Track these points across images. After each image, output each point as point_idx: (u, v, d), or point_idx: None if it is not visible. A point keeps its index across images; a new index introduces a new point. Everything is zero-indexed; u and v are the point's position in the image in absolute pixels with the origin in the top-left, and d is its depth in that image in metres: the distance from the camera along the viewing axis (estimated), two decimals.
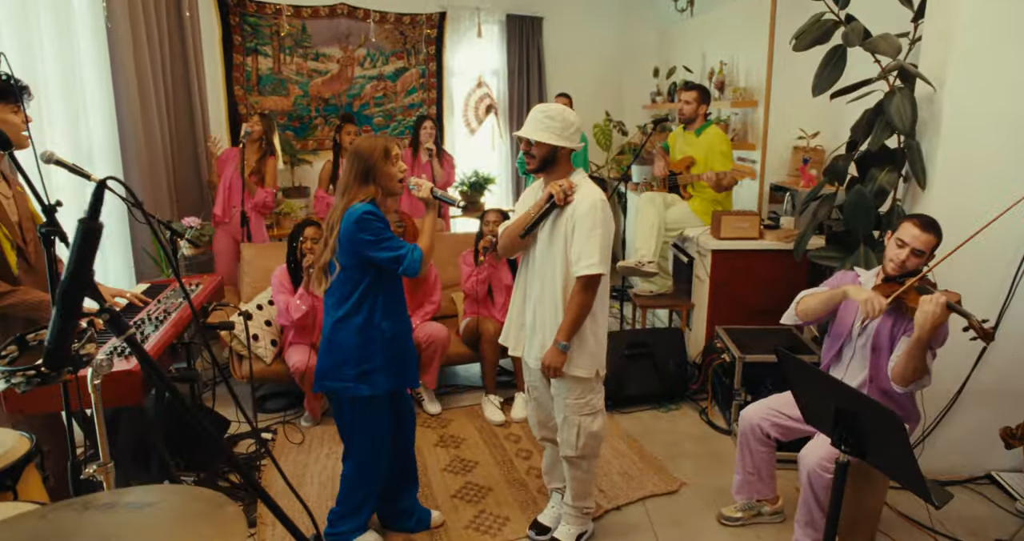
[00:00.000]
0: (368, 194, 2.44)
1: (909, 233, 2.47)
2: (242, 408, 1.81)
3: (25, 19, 3.22)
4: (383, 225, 2.43)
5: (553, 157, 2.47)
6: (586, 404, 2.56)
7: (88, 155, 3.84)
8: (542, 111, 2.47)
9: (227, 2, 5.43)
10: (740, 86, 4.94)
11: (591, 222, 2.40)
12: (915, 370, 2.35)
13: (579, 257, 2.42)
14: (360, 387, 2.52)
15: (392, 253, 2.40)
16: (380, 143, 2.46)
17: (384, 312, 2.51)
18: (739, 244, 4.09)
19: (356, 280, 2.48)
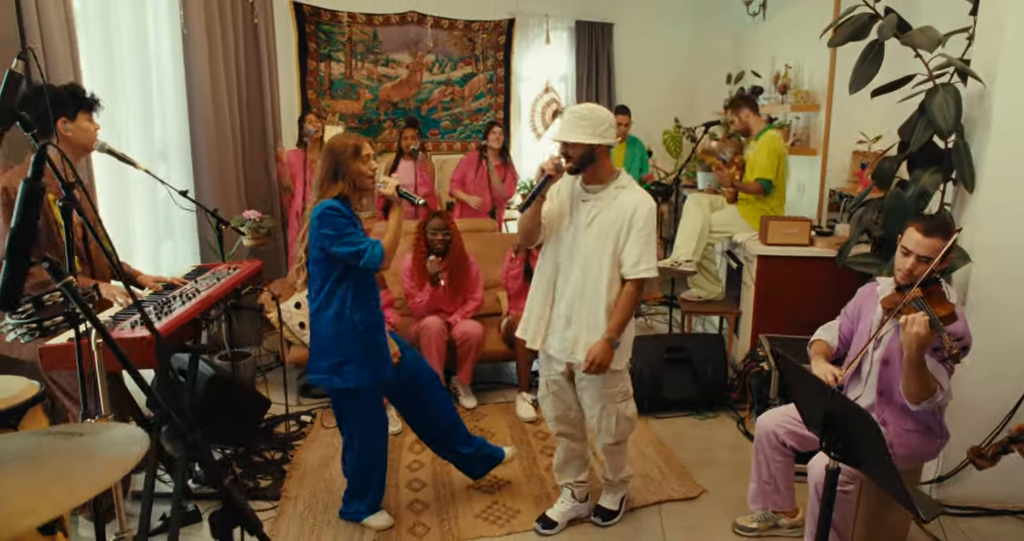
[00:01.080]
0: (337, 190, 2.52)
1: (912, 239, 2.32)
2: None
3: (106, 25, 3.53)
4: (346, 221, 2.49)
5: (591, 156, 2.49)
6: (620, 392, 2.67)
7: (162, 153, 4.16)
8: (573, 112, 2.50)
9: (304, 12, 5.74)
10: (803, 89, 4.77)
11: (649, 228, 2.52)
12: (918, 388, 2.22)
13: (638, 260, 2.50)
14: (334, 379, 2.62)
15: (352, 248, 2.46)
16: (351, 141, 2.55)
17: (355, 304, 2.57)
18: (787, 251, 3.95)
19: (325, 274, 2.57)
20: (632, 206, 2.51)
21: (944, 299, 2.24)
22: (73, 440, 1.11)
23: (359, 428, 2.74)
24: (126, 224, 3.72)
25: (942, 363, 2.31)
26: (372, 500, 2.85)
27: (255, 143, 5.04)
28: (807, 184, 4.90)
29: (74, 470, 0.98)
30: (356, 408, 2.70)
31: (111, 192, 3.58)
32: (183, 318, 2.36)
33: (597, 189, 2.57)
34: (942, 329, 2.09)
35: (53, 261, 1.22)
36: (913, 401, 2.28)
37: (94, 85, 3.47)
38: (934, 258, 2.30)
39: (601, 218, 2.53)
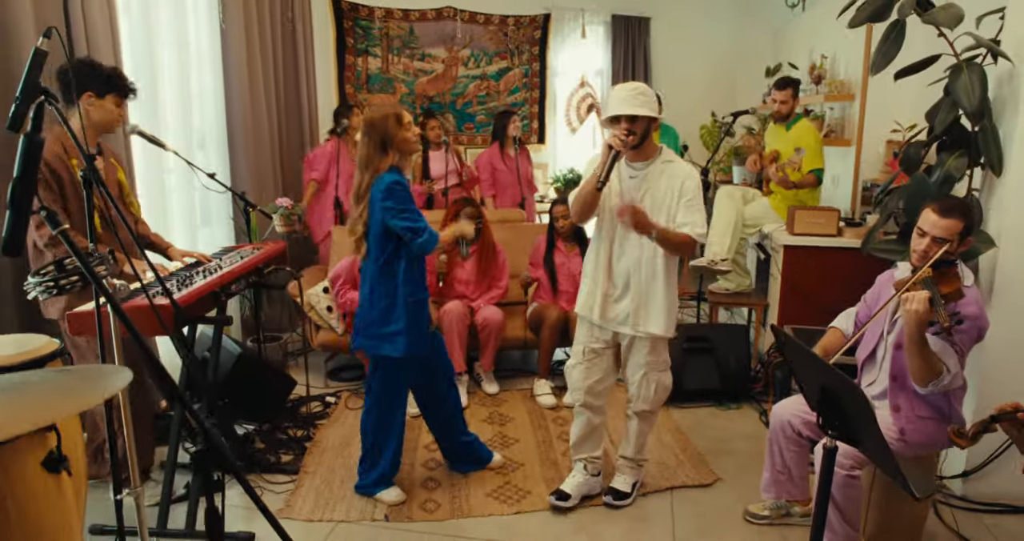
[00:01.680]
0: (389, 162, 2.61)
1: (928, 220, 2.27)
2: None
3: (147, 18, 3.69)
4: (408, 197, 2.61)
5: (648, 130, 2.59)
6: (661, 360, 2.78)
7: (200, 142, 4.31)
8: (633, 89, 2.55)
9: (342, 8, 5.88)
10: (838, 79, 4.68)
11: (699, 199, 2.62)
12: (920, 368, 2.17)
13: (692, 223, 2.57)
14: (383, 345, 2.74)
15: (410, 224, 2.58)
16: (391, 111, 2.63)
17: (406, 278, 2.69)
18: (814, 241, 3.88)
19: (382, 247, 2.68)
20: (681, 179, 2.61)
21: (955, 279, 2.19)
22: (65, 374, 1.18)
23: (384, 396, 2.84)
24: (163, 212, 3.87)
25: (950, 345, 2.26)
26: (387, 472, 2.92)
27: (292, 134, 5.18)
28: (841, 176, 4.80)
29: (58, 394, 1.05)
30: (390, 376, 2.81)
31: (148, 180, 3.74)
32: (202, 290, 2.47)
33: (642, 166, 2.65)
34: (941, 305, 2.04)
35: (50, 210, 1.31)
36: (919, 383, 2.23)
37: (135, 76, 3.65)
38: (949, 239, 2.25)
39: (652, 192, 2.63)
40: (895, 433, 2.37)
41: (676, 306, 2.74)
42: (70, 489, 1.49)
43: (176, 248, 2.97)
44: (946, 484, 3.02)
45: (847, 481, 2.29)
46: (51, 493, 1.42)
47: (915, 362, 2.16)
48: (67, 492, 1.48)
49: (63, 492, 1.46)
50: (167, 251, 2.94)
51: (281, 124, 5.00)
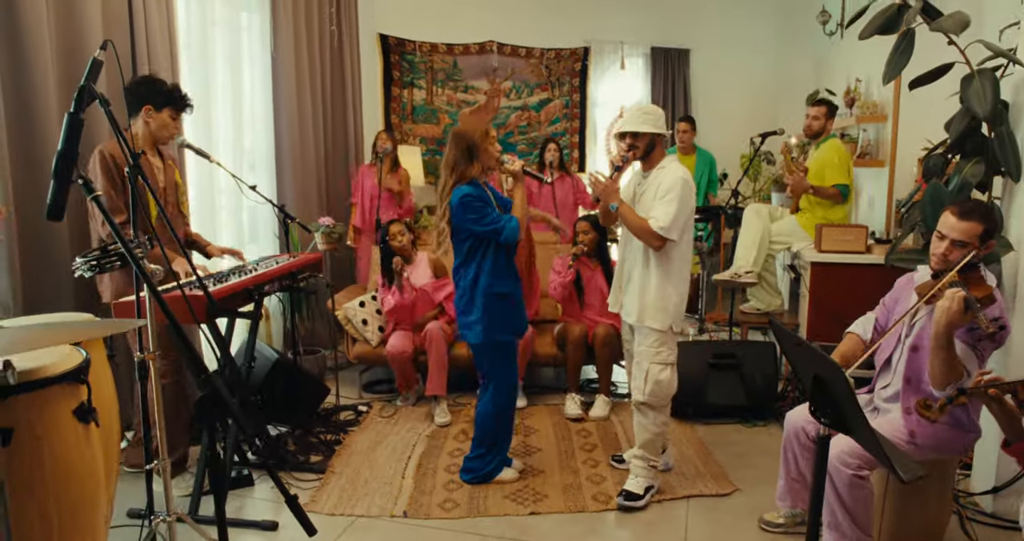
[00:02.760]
0: (473, 172, 2.89)
1: (947, 223, 2.29)
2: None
3: (203, 43, 4.02)
4: (482, 203, 2.88)
5: (653, 144, 2.92)
6: (657, 353, 2.92)
7: (251, 163, 4.60)
8: (639, 109, 2.96)
9: (389, 43, 6.21)
10: (871, 101, 4.69)
11: (672, 194, 2.80)
12: (943, 370, 2.16)
13: (655, 215, 2.81)
14: (467, 334, 3.04)
15: (492, 226, 2.86)
16: (480, 125, 2.99)
17: (487, 272, 2.95)
18: (843, 258, 3.87)
19: (463, 248, 2.98)
20: (663, 179, 2.88)
21: (982, 283, 2.19)
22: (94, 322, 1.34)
23: (495, 375, 3.07)
24: (213, 228, 4.13)
25: (972, 349, 2.24)
26: (502, 451, 3.17)
27: (338, 160, 5.45)
28: (876, 197, 4.77)
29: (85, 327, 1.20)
30: (485, 358, 3.07)
31: (200, 198, 4.01)
32: (236, 287, 2.65)
33: (649, 174, 2.98)
34: (978, 309, 2.05)
35: (86, 178, 1.49)
36: (937, 385, 2.22)
37: (193, 100, 3.95)
38: (969, 242, 2.26)
39: (645, 197, 2.95)
40: (904, 435, 2.35)
41: (673, 304, 2.90)
42: (98, 440, 1.65)
43: (215, 246, 3.19)
44: (975, 501, 2.93)
45: (854, 481, 2.28)
46: (81, 441, 1.58)
47: (938, 363, 2.15)
48: (95, 442, 1.63)
49: (91, 442, 1.61)
50: (207, 248, 3.16)
51: (328, 149, 5.27)
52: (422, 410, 4.07)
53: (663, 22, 6.87)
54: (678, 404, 3.87)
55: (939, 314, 2.11)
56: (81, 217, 2.99)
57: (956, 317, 2.08)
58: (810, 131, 4.39)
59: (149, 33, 3.46)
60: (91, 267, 1.86)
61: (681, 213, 2.80)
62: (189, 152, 3.48)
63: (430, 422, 3.88)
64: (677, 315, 2.94)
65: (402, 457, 3.43)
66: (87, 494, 1.60)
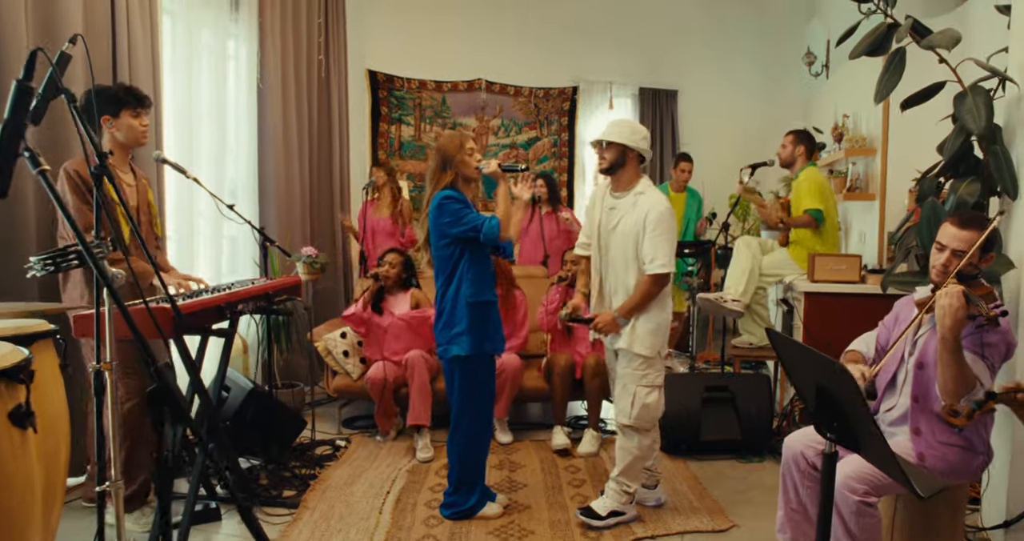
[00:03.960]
0: (448, 179, 2.83)
1: (947, 233, 2.22)
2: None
3: (189, 74, 3.98)
4: (460, 204, 2.79)
5: (623, 159, 2.82)
6: (643, 376, 2.84)
7: (232, 192, 4.52)
8: (613, 121, 2.94)
9: (378, 79, 6.23)
10: (860, 135, 4.70)
11: (662, 228, 2.75)
12: (954, 381, 2.04)
13: (653, 258, 2.76)
14: (452, 348, 2.87)
15: (470, 225, 2.75)
16: (456, 138, 2.90)
17: (468, 281, 2.83)
18: (836, 288, 3.79)
19: (446, 257, 2.87)
20: (646, 209, 2.78)
21: (981, 285, 2.11)
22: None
23: (469, 396, 2.91)
24: (191, 256, 4.01)
25: (982, 359, 2.14)
26: (482, 484, 3.01)
27: (323, 192, 5.37)
28: (868, 232, 4.73)
29: None
30: (466, 375, 2.89)
31: (179, 224, 3.91)
32: (207, 303, 2.52)
33: (621, 195, 2.88)
34: (977, 299, 1.96)
35: (33, 152, 1.39)
36: (951, 399, 2.09)
37: (175, 127, 3.89)
38: (969, 252, 2.18)
39: (623, 223, 2.84)
40: (913, 458, 2.22)
41: (657, 328, 2.84)
42: (36, 449, 1.49)
43: (177, 271, 3.04)
44: (987, 537, 2.77)
45: (862, 509, 2.13)
46: (15, 447, 1.42)
47: (949, 375, 2.03)
48: (31, 451, 1.47)
49: (27, 449, 1.46)
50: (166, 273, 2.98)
51: (313, 181, 5.21)
52: (403, 444, 3.89)
53: (651, 63, 6.95)
54: (671, 440, 3.73)
55: (941, 314, 2.01)
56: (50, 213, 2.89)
57: (959, 313, 1.98)
58: (780, 160, 4.38)
59: (132, 56, 3.42)
60: (46, 266, 1.74)
61: (671, 244, 2.79)
62: (170, 173, 3.40)
63: (411, 457, 3.69)
64: (664, 339, 2.90)
65: (380, 492, 3.24)
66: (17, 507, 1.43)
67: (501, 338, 2.96)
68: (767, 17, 7.05)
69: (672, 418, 3.72)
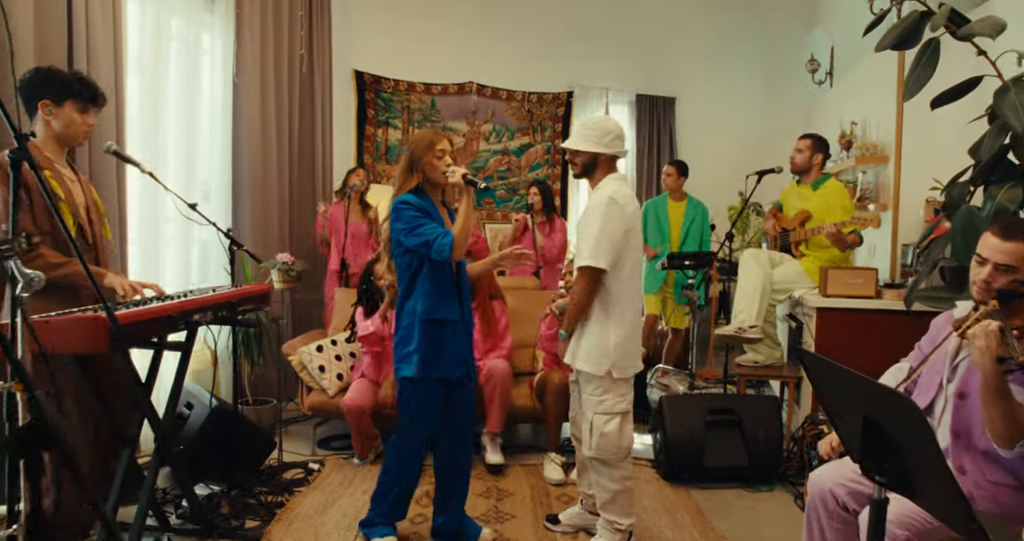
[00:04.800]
0: (413, 183, 2.57)
1: (988, 245, 1.95)
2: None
3: (156, 63, 3.69)
4: (417, 213, 2.51)
5: (594, 163, 2.67)
6: (600, 402, 2.59)
7: (204, 194, 4.22)
8: (583, 124, 2.73)
9: (364, 80, 5.96)
10: (870, 142, 4.46)
11: (590, 217, 2.58)
12: (1002, 423, 1.76)
13: (580, 251, 2.61)
14: (403, 367, 2.59)
15: (421, 238, 2.47)
16: (427, 136, 2.61)
17: (424, 296, 2.55)
18: (851, 303, 3.53)
19: (404, 266, 2.60)
20: (589, 204, 2.65)
21: None
22: None
23: (407, 420, 2.64)
24: (156, 262, 3.71)
25: None
26: (389, 511, 2.72)
27: (304, 197, 5.08)
28: (878, 244, 4.48)
29: None
30: (411, 398, 2.61)
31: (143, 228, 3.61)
32: (154, 312, 2.21)
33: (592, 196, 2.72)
34: (1012, 337, 1.68)
35: None
36: (1003, 443, 1.81)
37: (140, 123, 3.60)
38: (1016, 265, 1.91)
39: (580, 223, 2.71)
40: None
41: (613, 345, 2.57)
42: None
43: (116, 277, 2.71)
44: None
45: None
46: None
47: (996, 416, 1.76)
48: None
49: None
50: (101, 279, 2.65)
51: (292, 185, 4.91)
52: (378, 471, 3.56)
53: (649, 70, 6.73)
54: (672, 466, 3.45)
55: (977, 356, 1.74)
56: None
57: (996, 353, 1.71)
58: (794, 165, 4.11)
59: (91, 43, 3.13)
60: None
61: (604, 236, 2.53)
62: (133, 173, 3.10)
63: None
64: (619, 359, 2.58)
65: (353, 524, 2.92)
66: None
67: (459, 361, 2.63)
68: (768, 24, 6.84)
69: (674, 442, 3.44)
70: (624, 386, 2.64)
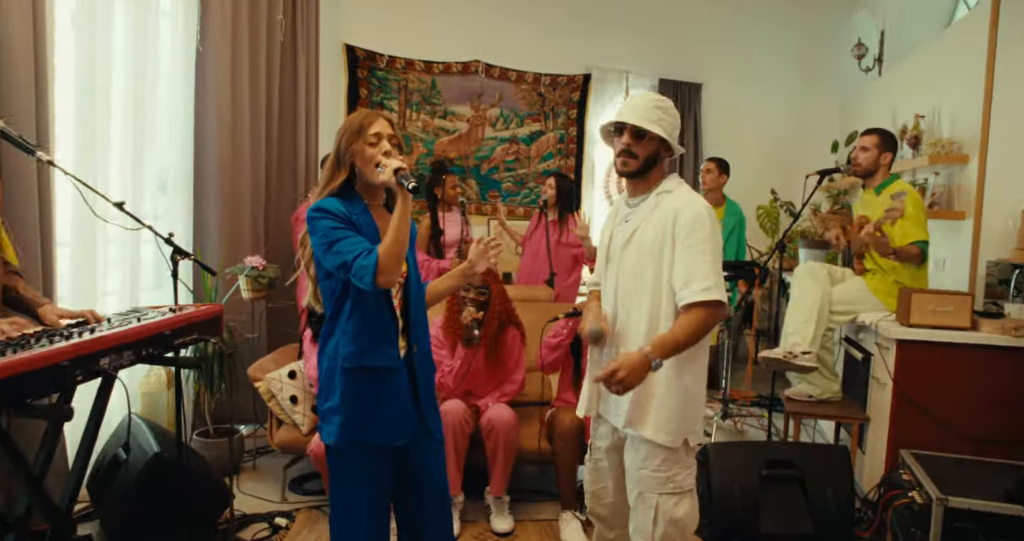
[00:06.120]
0: (337, 182, 1.89)
1: None
2: None
3: (94, 24, 3.01)
4: (336, 223, 1.84)
5: (656, 159, 2.04)
6: (668, 480, 1.99)
7: (161, 184, 3.58)
8: (653, 100, 2.04)
9: (357, 55, 5.28)
10: (943, 138, 3.81)
11: (699, 235, 1.92)
12: None
13: (688, 280, 1.91)
14: (324, 427, 1.95)
15: (339, 258, 1.80)
16: (357, 118, 1.91)
17: (351, 337, 1.89)
18: (940, 335, 2.90)
19: (327, 292, 1.94)
20: (674, 211, 1.96)
21: None
22: None
23: (334, 501, 1.99)
24: (92, 272, 3.04)
25: None
26: None
27: (284, 188, 4.42)
28: (949, 258, 3.85)
29: None
30: (335, 472, 1.98)
31: (77, 227, 2.95)
32: (32, 362, 1.56)
33: (638, 202, 2.08)
34: None
35: None
36: None
37: (76, 99, 2.94)
38: None
39: (639, 238, 2.02)
40: None
41: (693, 403, 2.01)
42: None
43: (52, 307, 2.10)
44: None
45: None
46: None
47: None
48: None
49: None
50: (39, 311, 2.06)
51: (270, 174, 4.25)
52: None
53: (673, 52, 6.09)
54: (719, 531, 2.83)
55: None
56: None
57: None
58: (857, 166, 3.45)
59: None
60: None
61: (719, 261, 1.96)
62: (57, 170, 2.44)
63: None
64: (696, 421, 2.02)
65: None
66: None
67: (404, 419, 1.94)
68: (804, 6, 6.18)
69: (722, 502, 2.83)
70: (691, 455, 2.04)
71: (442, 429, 2.12)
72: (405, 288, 1.98)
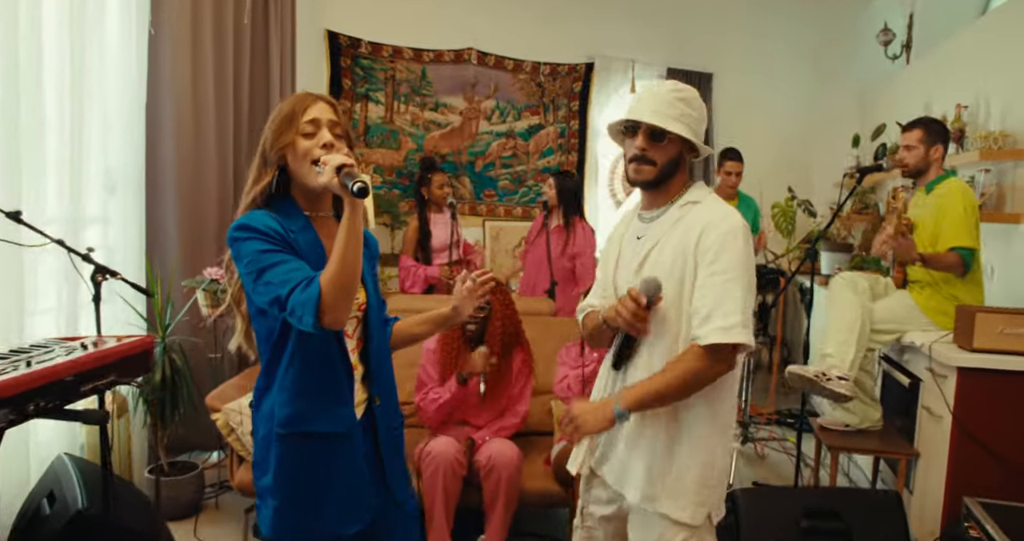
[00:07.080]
0: (263, 185, 1.46)
1: None
2: None
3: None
4: (263, 245, 1.39)
5: (678, 164, 1.67)
6: None
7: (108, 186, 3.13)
8: (673, 90, 1.65)
9: (340, 42, 4.84)
10: (993, 131, 3.38)
11: (728, 259, 1.54)
12: None
13: (710, 312, 1.53)
14: (261, 509, 1.55)
15: (271, 291, 1.36)
16: (287, 105, 1.46)
17: (290, 395, 1.46)
18: (1010, 363, 2.48)
19: (262, 335, 1.50)
20: (700, 227, 1.59)
21: None
22: None
23: None
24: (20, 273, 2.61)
25: None
26: None
27: None
28: (999, 266, 3.43)
29: None
30: None
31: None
32: None
33: (657, 213, 1.71)
34: None
35: None
36: None
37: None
38: None
39: (655, 259, 1.65)
40: None
41: (717, 470, 1.64)
42: None
43: None
44: None
45: None
46: None
47: None
48: None
49: None
50: None
51: (238, 174, 3.81)
52: None
53: (683, 40, 5.69)
54: None
55: None
56: None
57: None
58: (905, 167, 3.05)
59: None
60: None
61: (750, 291, 1.57)
62: None
63: None
64: (722, 491, 1.67)
65: None
66: None
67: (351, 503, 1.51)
68: None
69: None
70: (713, 532, 1.66)
71: (414, 500, 1.69)
72: (364, 323, 1.55)
